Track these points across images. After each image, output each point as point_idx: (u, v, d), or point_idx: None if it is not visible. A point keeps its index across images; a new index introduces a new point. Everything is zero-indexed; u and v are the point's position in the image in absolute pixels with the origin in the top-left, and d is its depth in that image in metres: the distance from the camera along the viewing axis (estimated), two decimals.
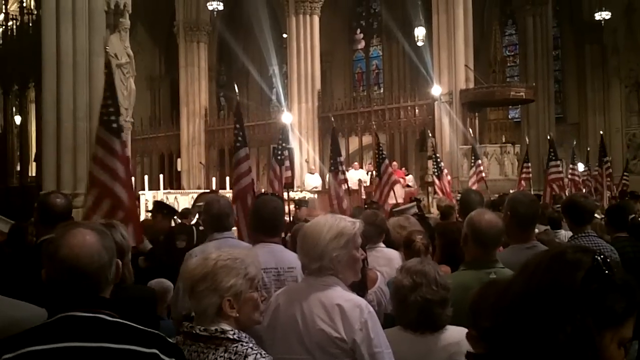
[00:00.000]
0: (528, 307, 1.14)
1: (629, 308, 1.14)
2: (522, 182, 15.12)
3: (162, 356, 1.81)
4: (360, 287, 2.94)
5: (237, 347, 2.08)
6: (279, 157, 9.88)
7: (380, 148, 11.81)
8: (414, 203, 6.79)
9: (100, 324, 1.81)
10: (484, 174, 14.62)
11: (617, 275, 1.15)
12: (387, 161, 11.28)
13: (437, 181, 13.68)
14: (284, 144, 10.47)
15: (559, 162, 14.65)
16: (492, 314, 1.24)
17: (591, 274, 1.13)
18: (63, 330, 1.79)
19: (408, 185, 17.31)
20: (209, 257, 2.21)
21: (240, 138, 7.10)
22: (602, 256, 1.17)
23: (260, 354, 2.07)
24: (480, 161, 14.90)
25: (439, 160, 14.11)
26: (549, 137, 16.83)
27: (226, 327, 2.12)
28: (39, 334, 1.81)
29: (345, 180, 10.35)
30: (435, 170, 13.90)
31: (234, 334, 2.10)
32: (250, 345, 2.10)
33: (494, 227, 3.17)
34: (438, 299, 2.67)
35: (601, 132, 19.79)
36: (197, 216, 10.35)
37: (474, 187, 12.78)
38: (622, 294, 1.14)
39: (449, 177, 14.88)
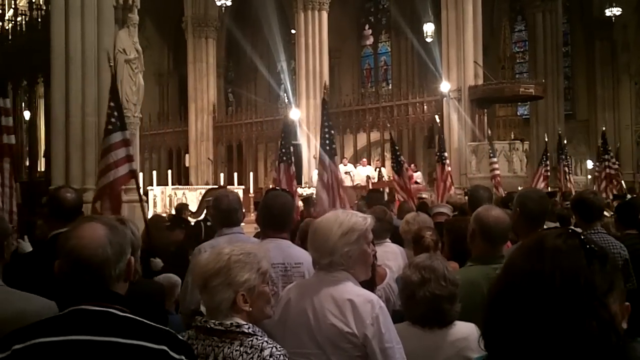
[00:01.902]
0: (542, 304, 1.12)
1: (615, 271, 1.16)
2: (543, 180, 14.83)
3: (171, 353, 1.81)
4: (368, 284, 2.93)
5: (252, 340, 2.08)
6: (284, 157, 9.39)
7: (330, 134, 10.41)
8: (450, 206, 6.34)
9: (111, 318, 1.81)
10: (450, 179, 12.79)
11: (597, 246, 1.17)
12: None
13: (396, 177, 11.87)
14: (283, 142, 9.89)
15: (496, 160, 14.82)
16: (489, 312, 1.21)
17: (588, 255, 1.14)
18: (73, 323, 1.80)
19: (416, 182, 17.28)
20: (221, 251, 2.19)
21: (114, 120, 6.03)
22: (578, 233, 1.19)
23: (276, 348, 2.07)
24: (449, 168, 13.04)
25: (398, 154, 12.26)
26: (489, 133, 16.83)
27: (240, 321, 2.12)
28: (49, 326, 1.82)
29: (294, 174, 9.63)
30: (395, 165, 12.06)
31: (249, 327, 2.11)
32: (265, 339, 2.10)
33: (502, 223, 3.17)
34: (446, 294, 2.67)
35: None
36: (205, 211, 10.36)
37: (449, 195, 11.42)
38: (607, 262, 1.15)
39: (409, 173, 13.42)
